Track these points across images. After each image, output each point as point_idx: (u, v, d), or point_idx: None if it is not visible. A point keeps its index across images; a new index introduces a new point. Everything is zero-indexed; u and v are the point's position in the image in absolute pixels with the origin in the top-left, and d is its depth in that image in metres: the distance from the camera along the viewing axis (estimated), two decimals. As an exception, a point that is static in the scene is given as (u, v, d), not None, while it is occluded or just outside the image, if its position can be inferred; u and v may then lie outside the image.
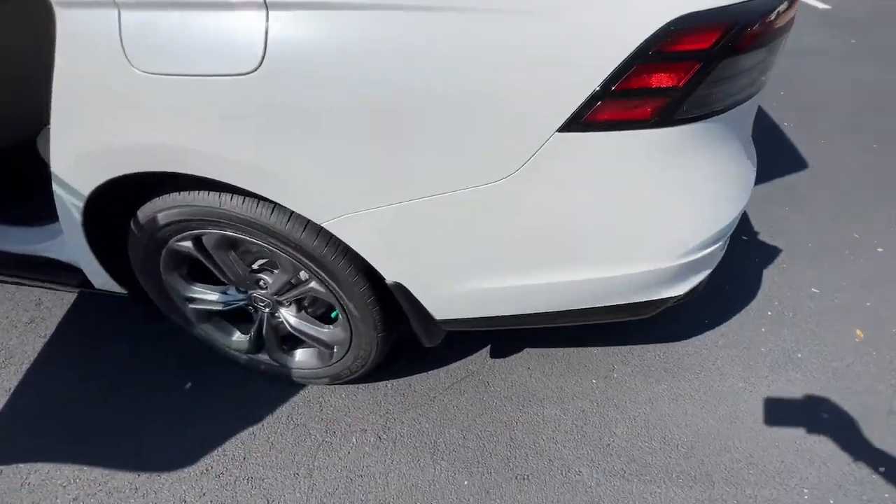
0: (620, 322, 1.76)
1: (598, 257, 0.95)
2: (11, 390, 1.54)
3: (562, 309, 1.10)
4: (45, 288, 1.66)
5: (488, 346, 1.62)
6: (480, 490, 1.25)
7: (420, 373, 1.54)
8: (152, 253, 1.19)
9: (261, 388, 1.50)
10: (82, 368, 1.57)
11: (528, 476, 1.27)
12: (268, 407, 1.46)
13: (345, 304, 1.15)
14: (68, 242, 1.28)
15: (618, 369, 1.53)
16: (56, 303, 1.84)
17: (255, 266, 1.25)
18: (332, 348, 1.34)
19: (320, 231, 1.04)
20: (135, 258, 1.23)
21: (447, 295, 1.08)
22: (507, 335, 1.63)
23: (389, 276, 1.04)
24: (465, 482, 1.27)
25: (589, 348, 1.60)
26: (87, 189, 1.03)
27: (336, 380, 1.42)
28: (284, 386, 1.50)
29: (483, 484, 1.26)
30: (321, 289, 1.14)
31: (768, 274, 1.84)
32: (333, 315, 1.27)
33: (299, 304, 1.30)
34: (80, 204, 1.08)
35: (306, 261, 1.06)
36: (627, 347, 1.60)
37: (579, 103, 0.76)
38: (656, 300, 1.12)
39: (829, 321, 1.65)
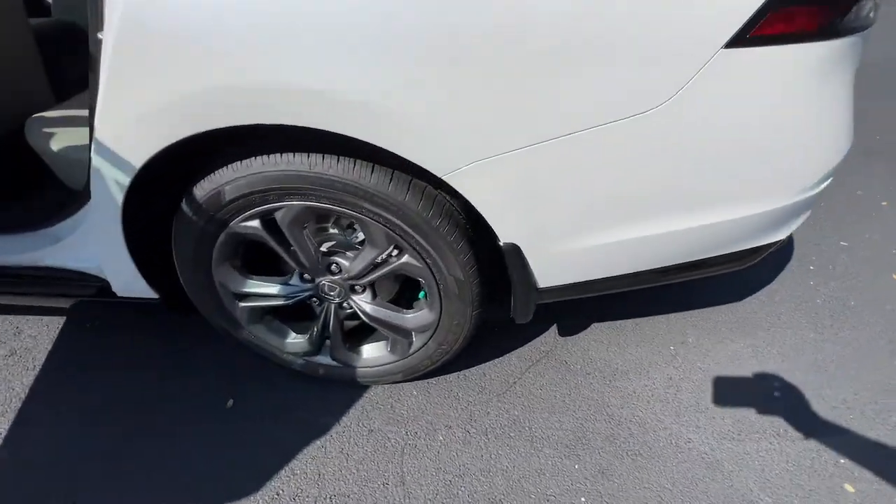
0: (678, 288, 1.75)
1: (735, 195, 0.90)
2: (3, 435, 1.25)
3: (676, 263, 1.04)
4: (41, 305, 1.39)
5: (554, 325, 1.53)
6: (595, 472, 1.15)
7: (490, 360, 1.42)
8: (207, 239, 1.01)
9: (316, 396, 1.32)
10: (86, 399, 1.32)
11: (639, 451, 1.19)
12: (331, 415, 1.28)
13: (440, 279, 1.02)
14: (93, 240, 1.07)
15: (691, 334, 1.49)
16: (40, 329, 1.56)
17: (323, 249, 1.09)
18: (411, 337, 1.19)
19: (425, 191, 0.92)
20: (182, 248, 1.04)
21: (559, 256, 0.99)
22: (570, 310, 1.55)
23: (505, 237, 0.93)
24: (576, 466, 1.16)
25: (655, 317, 1.55)
26: (140, 159, 0.85)
27: (410, 374, 1.27)
28: (343, 390, 1.33)
29: (596, 465, 1.16)
30: (416, 263, 1.01)
31: (796, 233, 1.90)
32: (422, 295, 1.14)
33: (374, 290, 1.15)
34: (127, 180, 0.89)
35: (407, 228, 0.93)
36: (691, 313, 1.57)
37: (751, 13, 0.71)
38: (765, 245, 1.09)
39: (866, 269, 1.71)
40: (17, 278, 1.22)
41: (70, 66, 1.79)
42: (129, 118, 0.81)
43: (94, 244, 1.10)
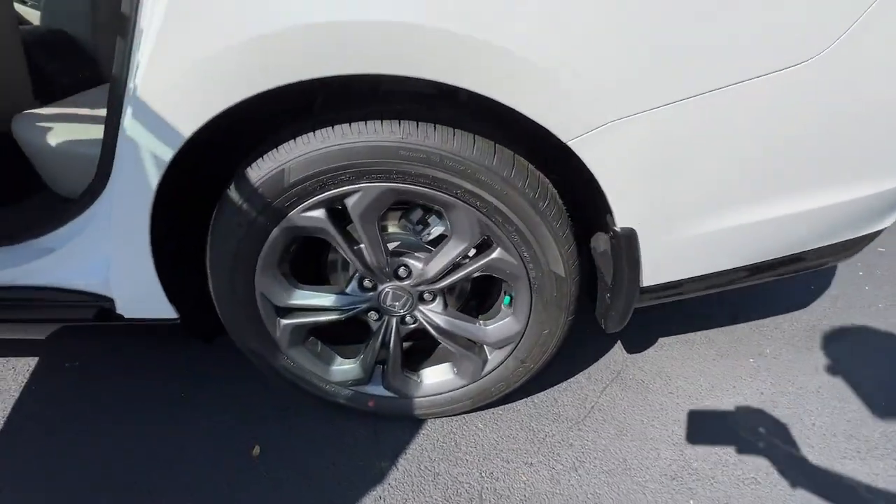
0: (733, 297, 1.64)
1: (880, 164, 0.81)
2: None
3: (798, 251, 0.92)
4: (10, 337, 1.12)
5: (617, 342, 1.38)
6: (715, 507, 0.97)
7: (557, 384, 1.24)
8: (256, 235, 0.82)
9: (361, 434, 1.10)
10: (70, 458, 1.04)
11: (755, 478, 1.02)
12: (384, 458, 1.05)
13: (536, 278, 0.87)
14: (102, 246, 0.86)
15: (766, 345, 1.37)
16: (6, 373, 1.27)
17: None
18: (486, 354, 1.01)
19: (528, 167, 0.78)
20: (220, 249, 0.84)
21: (676, 245, 0.85)
22: (630, 325, 1.41)
23: (623, 220, 0.80)
24: (690, 502, 0.98)
25: (721, 329, 1.43)
26: (192, 125, 0.68)
27: (480, 402, 1.07)
28: (394, 427, 1.12)
29: (713, 500, 0.98)
30: (510, 258, 0.85)
31: (831, 241, 1.87)
32: (506, 301, 0.96)
33: (445, 298, 0.98)
34: (169, 155, 0.70)
35: (509, 212, 0.78)
36: (757, 323, 1.46)
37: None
38: (871, 234, 1.00)
39: (914, 273, 1.68)
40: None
41: (55, 73, 1.62)
42: (185, 69, 0.64)
43: (103, 251, 0.88)
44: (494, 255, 0.86)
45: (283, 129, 0.76)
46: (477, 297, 1.11)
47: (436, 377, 1.06)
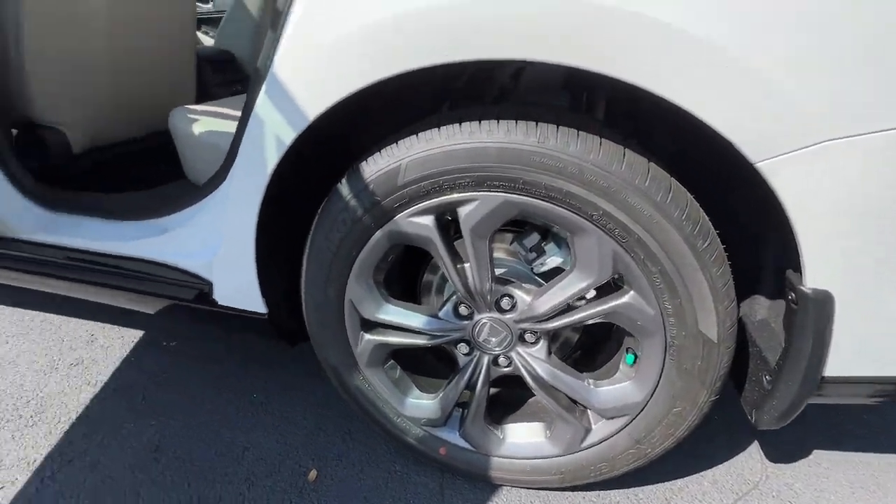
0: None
1: None
2: (36, 464, 0.98)
3: None
4: (124, 307, 1.19)
5: (754, 443, 1.09)
6: None
7: (668, 481, 0.99)
8: (358, 236, 0.75)
9: (420, 483, 0.95)
10: (139, 435, 1.04)
11: None
12: (448, 522, 0.89)
13: (675, 337, 0.68)
14: (213, 228, 0.87)
15: None
16: (113, 340, 1.36)
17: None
18: (590, 422, 0.83)
19: (687, 196, 0.63)
20: (320, 248, 0.79)
21: (881, 321, 0.62)
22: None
23: (817, 278, 0.60)
24: None
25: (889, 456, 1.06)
26: (318, 107, 0.65)
27: (572, 480, 0.87)
28: (459, 486, 0.95)
29: None
30: (645, 307, 0.68)
31: None
32: (629, 360, 0.79)
33: (550, 343, 0.83)
34: (290, 137, 0.68)
35: (655, 247, 0.63)
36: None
37: None
38: None
39: None
40: (111, 268, 1.04)
41: (216, 85, 1.84)
42: (318, 48, 0.62)
43: (214, 235, 0.89)
44: (625, 299, 0.69)
45: (402, 130, 0.71)
46: (583, 347, 0.94)
47: (522, 437, 0.89)
